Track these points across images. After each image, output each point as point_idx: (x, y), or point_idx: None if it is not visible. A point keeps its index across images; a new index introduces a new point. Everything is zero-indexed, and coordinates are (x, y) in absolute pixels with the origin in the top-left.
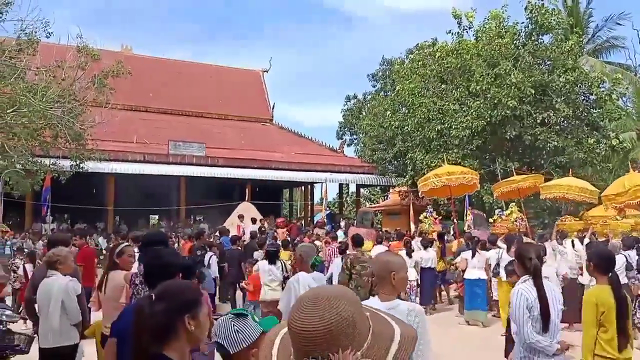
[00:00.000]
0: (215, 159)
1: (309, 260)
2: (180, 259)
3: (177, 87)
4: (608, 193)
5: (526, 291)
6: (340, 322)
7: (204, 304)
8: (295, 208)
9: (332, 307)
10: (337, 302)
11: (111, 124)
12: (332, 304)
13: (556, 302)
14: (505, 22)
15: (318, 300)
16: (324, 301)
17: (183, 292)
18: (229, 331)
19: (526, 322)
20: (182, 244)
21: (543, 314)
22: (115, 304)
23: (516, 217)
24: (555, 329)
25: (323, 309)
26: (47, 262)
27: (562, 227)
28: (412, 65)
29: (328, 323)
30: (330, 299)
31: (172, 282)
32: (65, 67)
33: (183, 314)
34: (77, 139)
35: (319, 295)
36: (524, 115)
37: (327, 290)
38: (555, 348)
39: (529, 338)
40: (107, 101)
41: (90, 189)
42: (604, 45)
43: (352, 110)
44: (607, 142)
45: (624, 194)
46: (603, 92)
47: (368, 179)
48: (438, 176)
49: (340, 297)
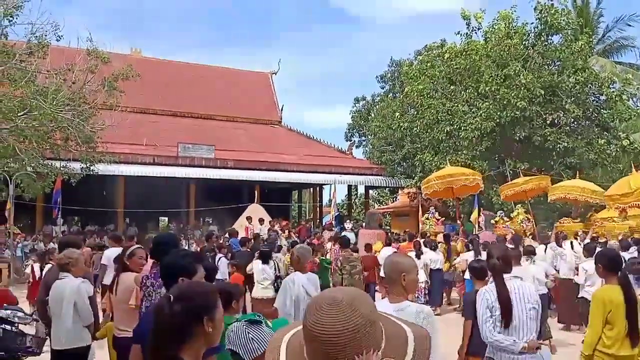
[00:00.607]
0: (225, 161)
1: (305, 261)
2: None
3: (186, 89)
4: (612, 193)
5: (488, 292)
6: (364, 324)
7: (220, 306)
8: (304, 210)
9: (355, 310)
10: (359, 304)
11: (121, 126)
12: (354, 306)
13: (524, 302)
14: (514, 22)
15: (339, 304)
16: (346, 304)
17: (202, 294)
18: (244, 339)
19: (485, 321)
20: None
21: (503, 313)
22: (125, 306)
23: (522, 218)
24: (524, 329)
25: (345, 312)
26: (59, 265)
27: (561, 229)
28: (420, 66)
29: (354, 326)
30: (352, 302)
31: (191, 283)
32: (76, 70)
33: (202, 316)
34: (88, 142)
35: (336, 298)
36: (533, 116)
37: (344, 293)
38: (519, 347)
39: (488, 337)
40: (117, 104)
41: (100, 191)
42: (614, 45)
43: (360, 112)
44: (617, 142)
45: (629, 195)
46: (613, 92)
47: (377, 181)
48: (440, 178)
49: (359, 299)
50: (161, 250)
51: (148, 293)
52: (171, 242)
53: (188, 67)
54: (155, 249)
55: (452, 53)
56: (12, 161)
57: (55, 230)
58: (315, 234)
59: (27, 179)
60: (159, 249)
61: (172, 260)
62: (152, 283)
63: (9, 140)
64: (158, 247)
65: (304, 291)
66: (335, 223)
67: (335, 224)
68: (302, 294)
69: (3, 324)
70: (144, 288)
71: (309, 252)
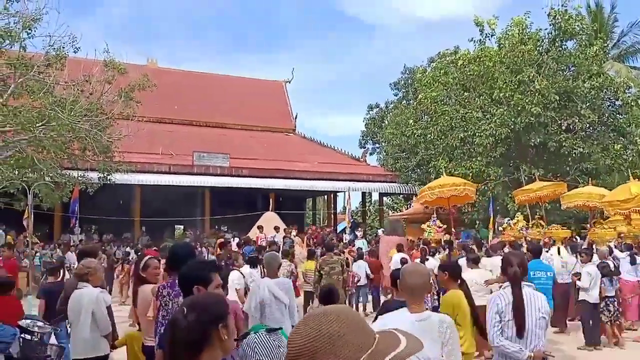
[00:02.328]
0: (239, 170)
1: (272, 267)
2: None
3: (201, 99)
4: (612, 199)
5: (500, 297)
6: (318, 339)
7: (231, 314)
8: (318, 217)
9: (315, 323)
10: (323, 318)
11: (137, 136)
12: (318, 320)
13: (536, 311)
14: (528, 28)
15: (309, 317)
16: (312, 317)
17: (215, 303)
18: (270, 347)
19: (493, 326)
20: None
21: (516, 321)
22: (145, 318)
23: (522, 225)
24: (532, 337)
25: (306, 324)
26: (78, 275)
27: (549, 235)
28: (434, 73)
29: (306, 338)
30: (319, 316)
31: (204, 294)
32: (93, 81)
33: (217, 324)
34: (105, 152)
35: (313, 312)
36: (548, 122)
37: (325, 308)
38: (525, 355)
39: (495, 341)
40: (134, 114)
41: (117, 200)
42: (630, 50)
43: (374, 119)
44: (634, 148)
45: (630, 201)
46: (629, 97)
47: (391, 188)
48: (431, 189)
49: (328, 314)
50: (177, 261)
51: (164, 302)
52: (187, 253)
53: (202, 77)
54: (171, 259)
55: (465, 60)
56: (31, 171)
57: (73, 240)
58: (331, 240)
59: (45, 188)
60: (175, 259)
61: (188, 271)
62: (169, 292)
63: (28, 151)
64: (174, 257)
65: (271, 295)
66: (350, 231)
67: (349, 232)
68: (268, 298)
69: (23, 333)
70: (160, 298)
71: (275, 259)
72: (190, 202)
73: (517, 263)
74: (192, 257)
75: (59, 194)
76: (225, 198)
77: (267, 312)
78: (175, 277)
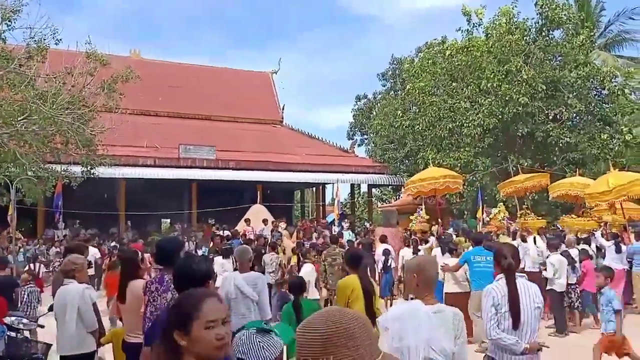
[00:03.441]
0: (226, 162)
1: (242, 260)
2: (209, 266)
3: (187, 90)
4: (592, 191)
5: (495, 289)
6: (336, 332)
7: (205, 316)
8: (307, 209)
9: (337, 318)
10: (344, 316)
11: (121, 129)
12: (339, 315)
13: (531, 302)
14: (515, 18)
15: (330, 311)
16: (333, 312)
17: (176, 306)
18: (254, 347)
19: (490, 319)
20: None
21: (512, 313)
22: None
23: (503, 215)
24: (527, 329)
25: (327, 318)
26: (64, 271)
27: (525, 225)
28: (422, 63)
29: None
30: (339, 312)
31: (185, 293)
32: (75, 73)
33: (173, 330)
34: (88, 145)
35: (334, 308)
36: (535, 112)
37: (345, 309)
38: (521, 347)
39: (491, 334)
40: (117, 106)
41: (101, 195)
42: (616, 39)
43: (362, 110)
44: (620, 137)
45: (608, 193)
46: (615, 86)
47: (380, 179)
48: (416, 182)
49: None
50: (166, 255)
51: (153, 298)
52: (175, 247)
53: (188, 68)
54: (159, 253)
55: (453, 50)
56: (13, 166)
57: (57, 235)
58: (320, 232)
59: (27, 183)
60: (164, 254)
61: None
62: (157, 288)
63: (10, 145)
64: (162, 252)
65: (237, 290)
66: (338, 222)
67: (337, 223)
68: (233, 292)
69: (9, 330)
70: (147, 293)
71: (247, 252)
72: (176, 195)
73: (511, 255)
74: (180, 252)
75: (42, 188)
76: (212, 191)
77: (232, 306)
78: (164, 272)
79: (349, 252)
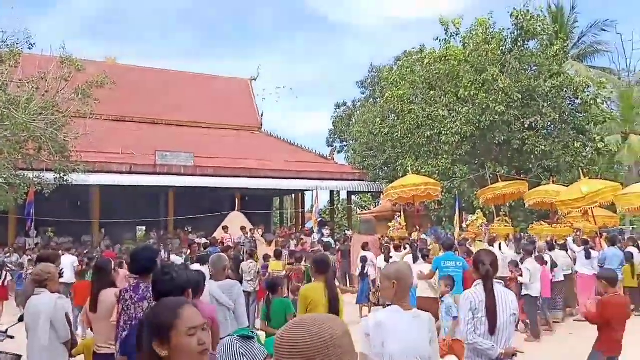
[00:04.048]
0: (204, 169)
1: (217, 268)
2: (189, 275)
3: (164, 96)
4: (565, 198)
5: (473, 294)
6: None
7: (185, 323)
8: (286, 216)
9: (317, 328)
10: (324, 324)
11: (96, 135)
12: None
13: (507, 308)
14: (491, 28)
15: (304, 324)
16: (312, 321)
17: (155, 315)
18: (234, 354)
19: (467, 323)
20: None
21: (489, 318)
22: (107, 322)
23: (481, 222)
24: (503, 334)
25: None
26: (36, 280)
27: (493, 231)
28: (400, 72)
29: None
30: (318, 320)
31: (160, 303)
32: (49, 78)
33: (151, 339)
34: (61, 151)
35: (304, 319)
36: (511, 120)
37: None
38: (497, 352)
39: (468, 339)
40: (92, 112)
41: (75, 202)
42: (588, 50)
43: (342, 118)
44: (592, 145)
45: (581, 200)
46: (588, 96)
47: (359, 186)
48: (395, 188)
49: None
50: (140, 266)
51: (126, 307)
52: (150, 257)
53: (165, 74)
54: (133, 264)
55: (431, 58)
56: None
57: (29, 243)
58: (300, 240)
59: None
60: (138, 264)
61: (159, 277)
62: (131, 296)
63: None
64: (136, 262)
65: (212, 298)
66: (317, 229)
67: (317, 231)
68: (208, 300)
69: None
70: (122, 301)
71: (222, 259)
72: (153, 202)
73: (489, 261)
74: (156, 260)
75: (14, 195)
76: (190, 198)
77: None
78: (140, 281)
79: (316, 258)
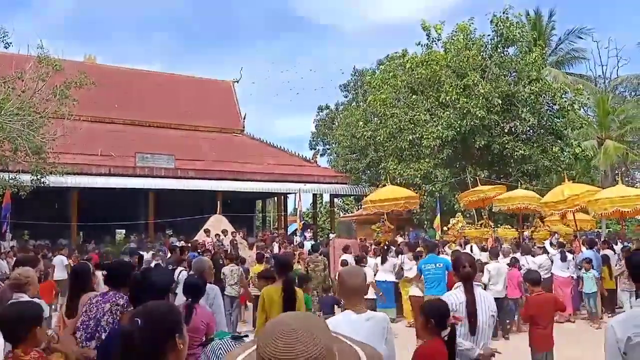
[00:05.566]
0: (185, 171)
1: (198, 272)
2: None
3: (144, 97)
4: (548, 201)
5: (453, 296)
6: (324, 355)
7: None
8: (268, 219)
9: (314, 339)
10: (317, 332)
11: (74, 136)
12: (314, 335)
13: (486, 309)
14: (472, 34)
15: (296, 332)
16: (303, 333)
17: (169, 313)
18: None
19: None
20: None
21: (469, 320)
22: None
23: (461, 225)
24: (482, 335)
25: (304, 341)
26: (15, 284)
27: (463, 234)
28: (383, 76)
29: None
30: (309, 330)
31: (156, 303)
32: (25, 78)
33: (174, 334)
34: (38, 153)
35: (291, 325)
36: (492, 125)
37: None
38: (476, 353)
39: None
40: (70, 113)
41: (52, 205)
42: (566, 57)
43: (324, 121)
44: (570, 150)
45: (562, 202)
46: (566, 102)
47: (342, 189)
48: (374, 202)
49: (315, 326)
50: (117, 281)
51: (89, 308)
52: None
53: (146, 75)
54: (110, 278)
55: (413, 63)
56: None
57: (4, 246)
58: (281, 243)
59: None
60: (115, 279)
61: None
62: (97, 300)
63: None
64: (113, 276)
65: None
66: (300, 233)
67: (300, 234)
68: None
69: None
70: (87, 304)
71: (202, 264)
72: (133, 205)
73: (469, 264)
74: (129, 275)
75: None
76: (171, 200)
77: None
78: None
79: (278, 259)
